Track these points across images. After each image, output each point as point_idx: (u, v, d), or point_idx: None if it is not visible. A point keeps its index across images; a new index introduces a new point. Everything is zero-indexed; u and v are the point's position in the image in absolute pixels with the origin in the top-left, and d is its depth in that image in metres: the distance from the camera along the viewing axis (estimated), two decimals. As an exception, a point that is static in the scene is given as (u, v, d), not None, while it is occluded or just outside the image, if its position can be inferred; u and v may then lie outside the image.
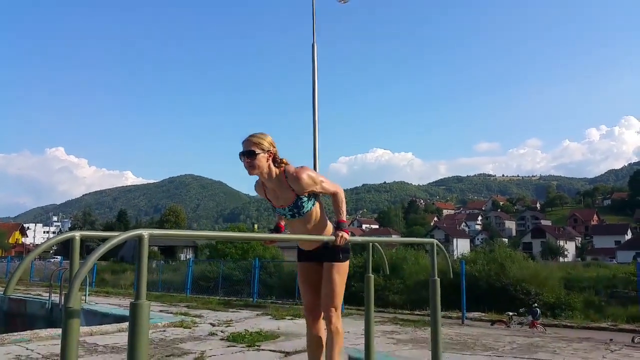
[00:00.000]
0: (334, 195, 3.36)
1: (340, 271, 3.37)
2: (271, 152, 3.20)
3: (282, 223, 3.52)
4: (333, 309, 3.34)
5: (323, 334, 3.48)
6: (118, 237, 2.01)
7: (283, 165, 3.24)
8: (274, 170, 3.22)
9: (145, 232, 2.02)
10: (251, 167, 3.17)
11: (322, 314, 3.44)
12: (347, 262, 3.45)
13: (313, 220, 3.33)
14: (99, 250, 1.93)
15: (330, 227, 3.42)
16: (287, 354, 5.56)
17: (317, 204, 3.35)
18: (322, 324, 3.48)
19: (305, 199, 3.26)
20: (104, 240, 2.09)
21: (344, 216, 3.35)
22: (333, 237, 3.18)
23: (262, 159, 3.16)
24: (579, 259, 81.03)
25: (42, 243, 2.37)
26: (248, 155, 3.14)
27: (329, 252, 3.36)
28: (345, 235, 3.20)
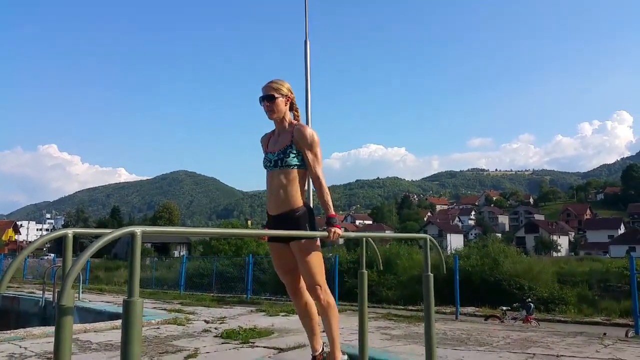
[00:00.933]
0: (317, 180, 3.33)
1: (311, 248, 3.30)
2: (289, 97, 3.42)
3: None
4: (318, 287, 3.32)
5: (311, 304, 3.48)
6: (111, 234, 2.00)
7: (296, 112, 3.49)
8: (289, 117, 3.44)
9: (138, 229, 2.01)
10: (271, 111, 3.37)
11: (305, 290, 3.44)
12: (316, 240, 3.38)
13: (290, 178, 3.31)
14: (91, 247, 1.92)
15: (298, 200, 3.34)
16: (281, 350, 5.56)
17: (301, 171, 3.36)
18: (306, 296, 3.47)
19: (295, 152, 3.31)
20: (97, 237, 2.08)
21: (333, 210, 3.32)
22: (326, 233, 3.18)
23: (281, 103, 3.36)
24: (573, 254, 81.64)
25: (34, 240, 2.36)
26: (268, 99, 3.34)
27: (294, 228, 3.25)
28: (338, 230, 3.20)
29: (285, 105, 3.38)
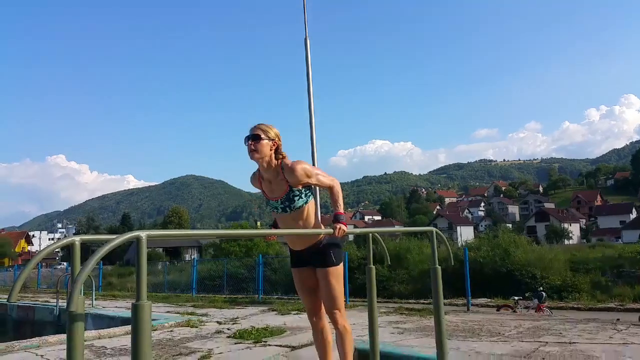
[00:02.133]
0: (330, 189, 3.38)
1: (335, 275, 3.38)
2: (275, 142, 3.28)
3: None
4: (337, 311, 3.37)
5: (327, 330, 3.52)
6: (116, 239, 2.02)
7: (281, 157, 3.29)
8: (274, 160, 3.28)
9: (143, 234, 2.03)
10: (254, 151, 3.23)
11: (324, 314, 3.48)
12: (341, 265, 3.47)
13: (304, 218, 3.33)
14: (97, 253, 1.94)
15: (321, 226, 3.43)
16: (294, 348, 5.59)
17: (310, 203, 3.36)
18: (325, 320, 3.52)
19: (298, 193, 3.28)
20: (104, 243, 2.10)
21: (341, 208, 3.36)
22: (331, 230, 3.21)
23: (266, 146, 3.22)
24: (584, 241, 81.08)
25: (40, 250, 2.38)
26: (253, 138, 3.22)
27: (321, 257, 3.36)
28: (343, 227, 3.22)
29: (270, 150, 3.25)
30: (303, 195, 3.30)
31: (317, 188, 5.31)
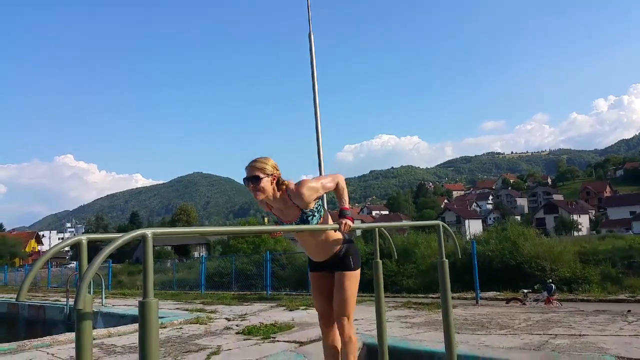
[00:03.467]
0: (335, 188, 3.39)
1: (352, 279, 3.44)
2: (274, 175, 3.23)
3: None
4: (345, 318, 3.38)
5: (338, 343, 3.53)
6: (122, 237, 2.02)
7: (284, 186, 3.27)
8: (277, 193, 3.27)
9: (149, 231, 2.04)
10: (257, 192, 3.19)
11: (335, 324, 3.49)
12: (359, 271, 3.51)
13: (323, 233, 3.37)
14: (104, 251, 1.94)
15: (337, 241, 3.45)
16: (302, 343, 5.60)
17: (323, 216, 3.41)
18: (336, 332, 3.53)
19: (311, 214, 3.29)
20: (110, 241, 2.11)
21: (347, 203, 3.36)
22: (337, 225, 3.21)
23: (267, 183, 3.19)
24: (594, 232, 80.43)
25: (48, 250, 2.39)
26: (253, 181, 3.17)
27: (341, 263, 3.43)
28: (349, 222, 3.23)
29: (272, 184, 3.21)
30: (316, 213, 3.32)
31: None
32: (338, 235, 3.44)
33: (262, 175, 3.16)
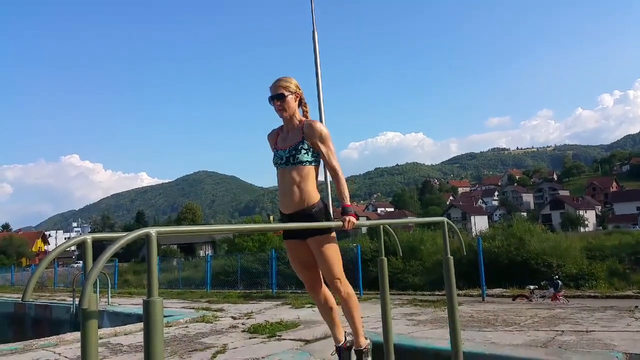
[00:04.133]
0: (334, 172, 3.34)
1: (329, 241, 3.32)
2: (297, 94, 3.39)
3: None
4: (337, 280, 3.35)
5: (329, 296, 3.52)
6: (126, 237, 2.02)
7: (306, 107, 3.47)
8: (299, 114, 3.42)
9: (153, 230, 2.03)
10: (282, 110, 3.34)
11: (324, 285, 3.49)
12: (334, 232, 3.39)
13: (303, 175, 3.28)
14: (108, 251, 1.94)
15: (313, 196, 3.31)
16: (308, 341, 5.59)
17: (314, 167, 3.35)
18: (325, 288, 3.52)
19: (307, 148, 3.29)
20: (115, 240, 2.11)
21: (348, 200, 3.33)
22: (340, 223, 3.18)
23: (291, 100, 3.34)
24: (600, 228, 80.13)
25: (53, 249, 2.39)
26: (278, 98, 3.31)
27: (311, 227, 3.23)
28: (353, 219, 3.20)
29: (295, 102, 3.37)
30: (310, 153, 3.30)
31: (328, 181, 5.30)
32: (315, 194, 3.32)
33: (286, 93, 3.32)
